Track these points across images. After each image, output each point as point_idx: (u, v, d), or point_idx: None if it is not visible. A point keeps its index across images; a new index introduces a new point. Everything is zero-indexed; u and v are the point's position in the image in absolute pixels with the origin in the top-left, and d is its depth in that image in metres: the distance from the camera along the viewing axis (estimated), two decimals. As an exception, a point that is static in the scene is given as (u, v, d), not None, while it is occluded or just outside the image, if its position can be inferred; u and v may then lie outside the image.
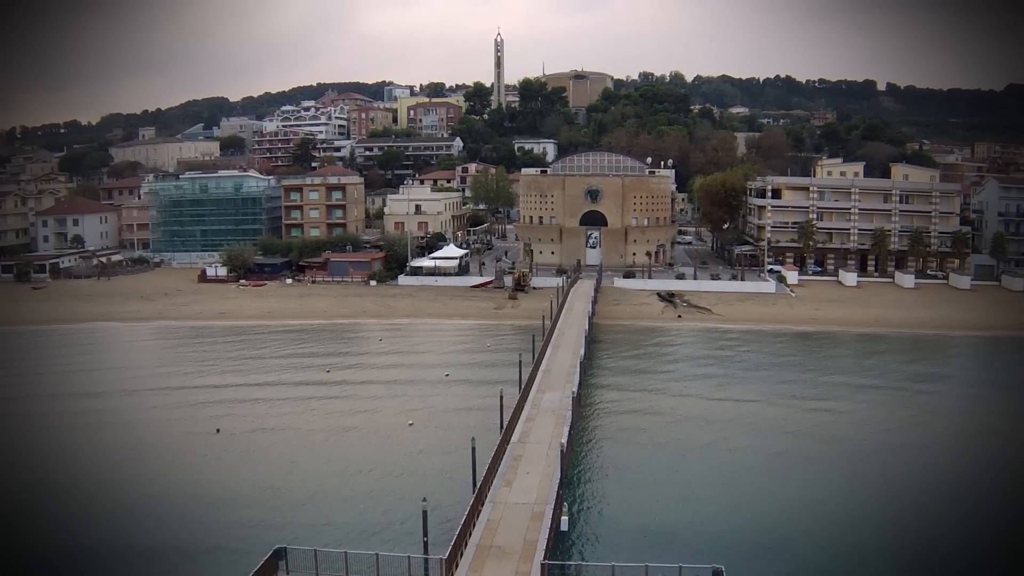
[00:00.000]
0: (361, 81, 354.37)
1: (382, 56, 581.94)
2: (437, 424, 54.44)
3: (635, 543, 35.51)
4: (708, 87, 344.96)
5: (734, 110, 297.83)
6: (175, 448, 51.51)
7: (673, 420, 56.87)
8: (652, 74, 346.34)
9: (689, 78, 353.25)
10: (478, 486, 32.88)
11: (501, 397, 43.00)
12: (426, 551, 28.27)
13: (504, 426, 41.03)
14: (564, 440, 39.30)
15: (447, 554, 27.03)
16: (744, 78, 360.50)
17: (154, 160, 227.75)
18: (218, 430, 54.61)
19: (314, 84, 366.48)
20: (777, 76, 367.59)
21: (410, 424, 54.83)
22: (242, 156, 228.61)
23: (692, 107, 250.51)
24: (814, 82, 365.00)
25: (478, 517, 31.56)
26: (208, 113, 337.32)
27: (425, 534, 29.11)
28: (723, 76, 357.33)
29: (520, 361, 53.29)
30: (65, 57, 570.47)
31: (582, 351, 60.70)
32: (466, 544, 29.31)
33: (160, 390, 65.84)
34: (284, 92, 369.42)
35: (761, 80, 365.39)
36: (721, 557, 27.07)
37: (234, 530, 38.01)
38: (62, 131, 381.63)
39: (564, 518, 33.09)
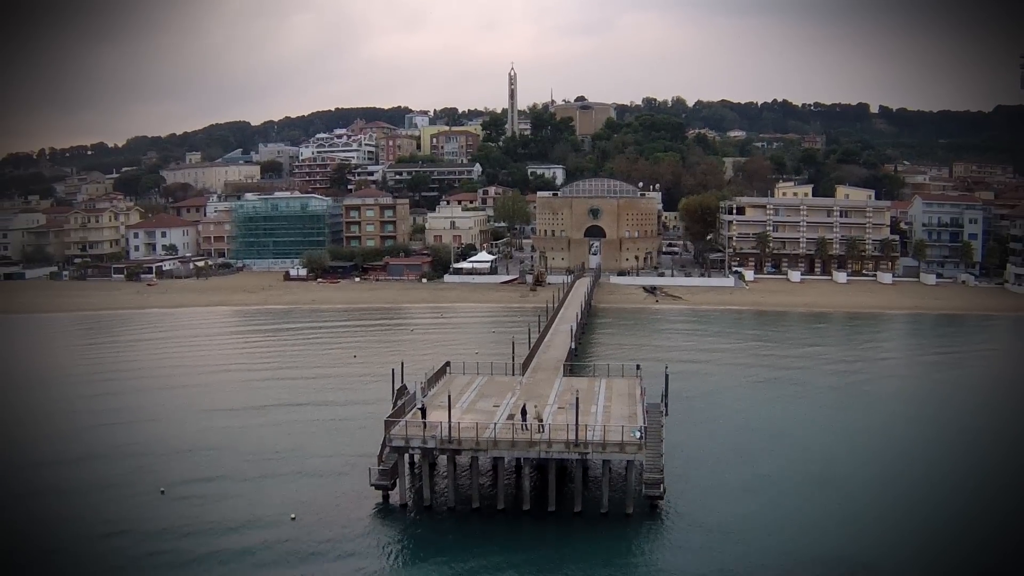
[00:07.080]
0: (377, 106, 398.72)
1: (393, 80, 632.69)
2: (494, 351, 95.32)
3: (610, 358, 78.74)
4: (708, 111, 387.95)
5: (732, 134, 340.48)
6: (342, 360, 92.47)
7: (644, 332, 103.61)
8: (655, 99, 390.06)
9: (690, 102, 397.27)
10: (531, 347, 73.99)
11: (539, 317, 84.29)
12: (513, 360, 69.40)
13: (540, 332, 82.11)
14: (574, 325, 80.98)
15: (524, 360, 68.12)
16: (743, 102, 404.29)
17: (202, 182, 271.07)
18: (355, 356, 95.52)
19: (332, 109, 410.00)
20: (774, 100, 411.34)
21: (476, 353, 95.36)
22: (280, 179, 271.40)
23: (690, 131, 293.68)
24: (809, 106, 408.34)
25: (533, 359, 72.44)
26: (233, 137, 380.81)
27: (513, 354, 70.24)
28: (722, 101, 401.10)
29: (547, 307, 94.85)
30: (77, 81, 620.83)
31: (583, 304, 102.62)
32: (529, 365, 70.13)
33: (308, 328, 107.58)
34: (303, 117, 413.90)
35: (759, 104, 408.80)
36: (645, 364, 67.97)
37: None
38: (89, 153, 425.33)
39: (573, 344, 74.47)
